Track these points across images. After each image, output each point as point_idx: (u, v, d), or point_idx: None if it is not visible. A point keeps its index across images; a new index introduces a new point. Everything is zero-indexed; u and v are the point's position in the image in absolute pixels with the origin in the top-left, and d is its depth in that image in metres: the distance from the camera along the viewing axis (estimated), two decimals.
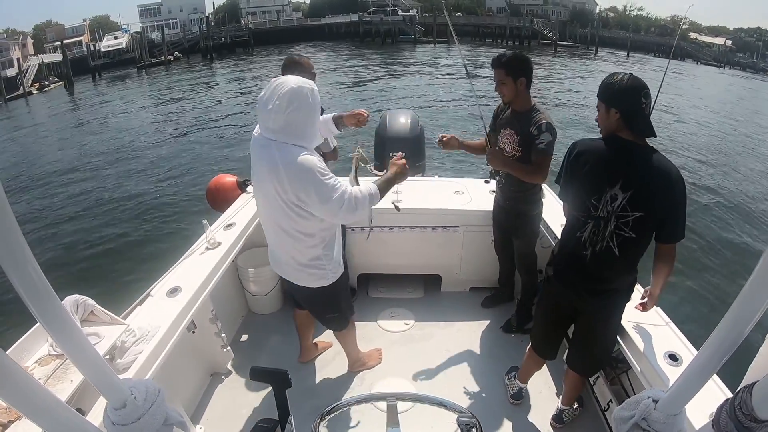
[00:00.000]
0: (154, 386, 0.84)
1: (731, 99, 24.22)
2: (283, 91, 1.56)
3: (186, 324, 2.03)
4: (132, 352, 1.73)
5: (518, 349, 2.66)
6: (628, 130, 1.58)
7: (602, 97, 1.62)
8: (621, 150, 1.57)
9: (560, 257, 1.84)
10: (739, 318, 0.66)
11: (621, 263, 1.64)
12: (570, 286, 1.80)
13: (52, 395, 0.64)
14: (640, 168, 1.53)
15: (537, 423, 2.20)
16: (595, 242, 1.64)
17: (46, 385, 1.47)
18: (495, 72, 2.26)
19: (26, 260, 0.57)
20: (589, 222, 1.63)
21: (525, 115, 2.29)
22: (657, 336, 1.80)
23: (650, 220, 1.55)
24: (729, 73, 41.81)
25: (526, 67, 2.25)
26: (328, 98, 16.65)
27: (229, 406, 2.29)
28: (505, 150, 2.39)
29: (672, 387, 0.84)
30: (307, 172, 1.61)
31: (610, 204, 1.57)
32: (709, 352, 0.72)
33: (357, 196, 1.72)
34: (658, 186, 1.52)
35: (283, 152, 1.62)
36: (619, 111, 1.56)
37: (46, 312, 0.62)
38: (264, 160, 1.66)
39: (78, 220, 7.30)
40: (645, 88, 1.56)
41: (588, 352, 1.93)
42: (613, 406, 2.06)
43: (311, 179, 1.61)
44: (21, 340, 1.63)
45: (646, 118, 1.58)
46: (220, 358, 2.48)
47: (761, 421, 0.64)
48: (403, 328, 2.84)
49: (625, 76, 1.58)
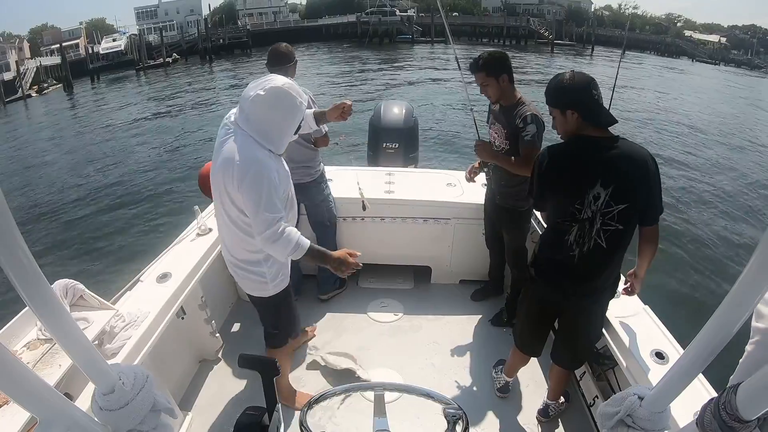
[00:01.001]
0: (143, 372, 0.85)
1: (730, 95, 24.30)
2: (270, 86, 1.53)
3: (175, 310, 2.05)
4: (121, 338, 1.75)
5: (507, 343, 2.66)
6: (590, 127, 1.57)
7: (555, 102, 1.60)
8: (590, 149, 1.57)
9: (543, 259, 1.82)
10: (726, 319, 0.67)
11: (609, 256, 1.64)
12: (556, 287, 1.80)
13: (41, 380, 0.64)
14: (615, 161, 1.53)
15: (523, 417, 2.21)
16: (582, 243, 1.63)
17: (34, 369, 1.48)
18: (476, 77, 2.28)
19: (16, 243, 0.57)
20: (574, 225, 1.62)
21: (511, 108, 2.31)
22: (644, 334, 1.83)
23: (634, 209, 1.56)
24: (723, 70, 41.91)
25: (504, 63, 2.26)
26: (325, 98, 16.66)
27: (218, 393, 2.30)
28: (494, 145, 2.43)
29: (657, 385, 0.85)
30: (261, 178, 1.53)
31: (594, 203, 1.56)
32: (696, 351, 0.73)
33: (289, 233, 1.59)
34: (636, 174, 1.53)
35: (244, 144, 1.56)
36: (576, 110, 1.55)
37: (36, 296, 0.62)
38: (225, 144, 1.60)
39: (70, 206, 7.33)
40: (591, 80, 1.57)
41: (572, 346, 1.95)
42: (599, 401, 2.08)
43: (260, 186, 1.53)
44: (9, 324, 1.64)
45: (602, 107, 1.57)
46: (209, 344, 2.49)
47: (745, 421, 0.65)
48: (392, 319, 2.85)
49: (567, 74, 1.59)
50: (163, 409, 0.89)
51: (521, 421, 2.19)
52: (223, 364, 2.49)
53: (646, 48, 48.76)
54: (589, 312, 1.82)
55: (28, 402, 0.62)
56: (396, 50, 38.99)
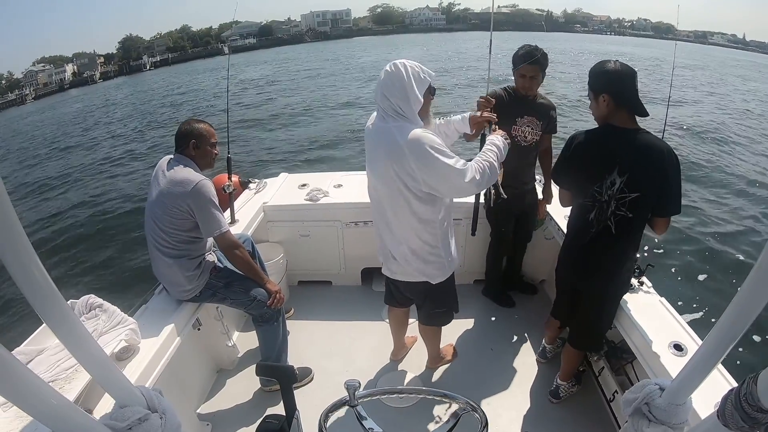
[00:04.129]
0: (157, 388, 0.86)
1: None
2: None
3: (192, 321, 2.06)
4: (139, 350, 1.75)
5: (522, 341, 2.66)
6: (620, 115, 1.64)
7: (591, 84, 1.70)
8: (614, 137, 1.65)
9: (568, 242, 1.95)
10: (743, 308, 0.67)
11: (615, 240, 1.73)
12: (572, 267, 1.92)
13: (59, 394, 0.64)
14: (633, 152, 1.60)
15: (539, 415, 2.19)
16: (599, 222, 1.74)
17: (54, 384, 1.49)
18: (530, 68, 2.29)
19: (30, 261, 0.57)
20: (595, 206, 1.73)
21: (540, 101, 2.45)
22: (662, 326, 1.80)
23: (646, 199, 1.62)
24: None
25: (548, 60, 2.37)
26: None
27: (236, 402, 2.31)
28: (524, 138, 2.45)
29: (677, 376, 0.84)
30: (434, 143, 1.62)
31: (610, 188, 1.67)
32: (714, 342, 0.73)
33: (476, 166, 1.72)
34: (651, 166, 1.58)
35: (396, 126, 1.63)
36: (608, 95, 1.62)
37: (52, 313, 0.63)
38: (376, 141, 1.71)
39: (85, 220, 7.35)
40: (631, 72, 1.63)
41: (582, 329, 2.05)
42: (618, 396, 2.05)
43: (440, 149, 1.62)
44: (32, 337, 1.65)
45: (635, 97, 1.63)
46: (225, 354, 2.50)
47: (767, 411, 0.64)
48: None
49: (611, 62, 1.66)
50: (177, 424, 0.88)
51: (538, 418, 2.18)
52: (240, 373, 2.50)
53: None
54: (599, 298, 1.89)
55: (47, 418, 0.62)
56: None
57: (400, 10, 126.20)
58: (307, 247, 3.08)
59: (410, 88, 1.62)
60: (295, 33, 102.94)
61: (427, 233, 1.80)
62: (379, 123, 1.70)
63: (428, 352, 2.41)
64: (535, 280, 3.16)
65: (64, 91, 57.06)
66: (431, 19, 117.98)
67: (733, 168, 8.16)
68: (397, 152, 1.60)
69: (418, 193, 1.68)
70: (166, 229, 1.90)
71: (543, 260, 3.00)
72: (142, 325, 1.83)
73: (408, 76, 1.61)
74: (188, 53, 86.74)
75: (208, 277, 2.04)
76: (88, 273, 5.52)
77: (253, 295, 2.09)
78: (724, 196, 6.76)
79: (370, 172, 1.81)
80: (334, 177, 3.32)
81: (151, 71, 64.55)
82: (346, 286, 3.22)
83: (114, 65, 76.35)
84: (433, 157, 1.58)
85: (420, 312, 2.16)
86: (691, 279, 4.57)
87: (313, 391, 2.35)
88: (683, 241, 5.24)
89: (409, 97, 1.62)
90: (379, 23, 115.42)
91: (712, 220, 5.88)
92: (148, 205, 1.95)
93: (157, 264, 1.98)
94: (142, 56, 78.87)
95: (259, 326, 2.22)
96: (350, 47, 56.47)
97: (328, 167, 8.29)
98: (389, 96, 1.63)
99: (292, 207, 2.99)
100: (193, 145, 1.96)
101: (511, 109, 2.37)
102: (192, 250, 1.98)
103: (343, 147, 10.11)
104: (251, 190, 3.19)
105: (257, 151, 10.29)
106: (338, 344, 2.66)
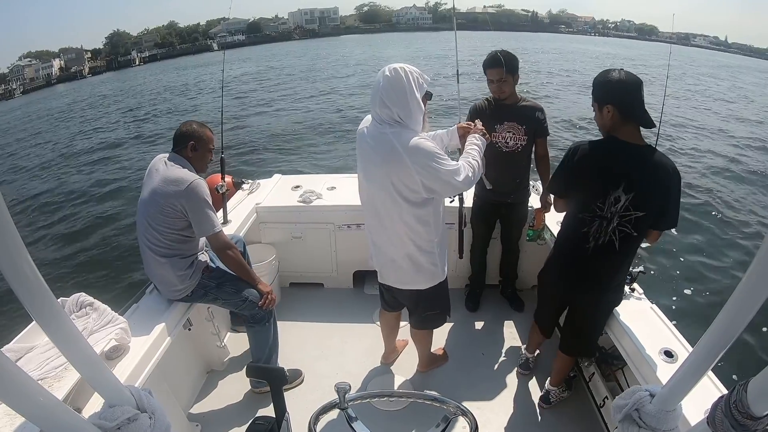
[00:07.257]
0: (147, 388, 0.85)
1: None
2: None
3: (183, 321, 2.04)
4: (129, 349, 1.74)
5: (515, 345, 2.67)
6: (626, 128, 1.57)
7: (595, 95, 1.64)
8: (621, 152, 1.58)
9: (560, 251, 1.90)
10: (734, 316, 0.67)
11: (619, 257, 1.70)
12: (565, 278, 1.88)
13: (48, 393, 0.63)
14: (642, 171, 1.55)
15: (529, 419, 2.20)
16: (598, 237, 1.69)
17: (43, 383, 1.47)
18: (493, 71, 2.28)
19: (21, 257, 0.57)
20: (595, 220, 1.68)
21: (521, 104, 2.40)
22: (652, 333, 1.81)
23: (650, 218, 1.59)
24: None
25: (518, 62, 2.32)
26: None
27: (226, 404, 2.29)
28: (505, 144, 2.43)
29: (668, 383, 0.84)
30: (426, 145, 1.62)
31: (614, 205, 1.61)
32: (705, 349, 0.73)
33: (466, 165, 1.74)
34: (659, 186, 1.55)
35: (392, 132, 1.63)
36: (612, 106, 1.56)
37: (42, 311, 0.62)
38: (371, 146, 1.69)
39: (76, 219, 7.27)
40: (636, 82, 1.56)
41: (572, 338, 2.05)
42: (609, 402, 2.06)
43: (431, 150, 1.63)
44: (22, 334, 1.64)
45: (641, 108, 1.57)
46: (216, 355, 2.48)
47: (757, 418, 0.64)
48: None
49: (615, 71, 1.58)
50: (166, 424, 0.88)
51: (528, 424, 2.18)
52: (230, 374, 2.48)
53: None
54: (594, 309, 1.88)
55: (36, 417, 0.61)
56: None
57: (387, 9, 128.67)
58: (300, 248, 3.08)
59: (411, 96, 1.59)
60: (284, 30, 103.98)
61: (422, 238, 1.80)
62: (375, 128, 1.67)
63: (419, 356, 2.41)
64: (527, 285, 3.18)
65: (52, 86, 57.24)
66: (418, 18, 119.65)
67: (724, 172, 8.25)
68: (396, 159, 1.59)
69: (414, 198, 1.68)
70: (158, 228, 1.89)
71: (538, 266, 3.01)
72: (133, 325, 1.81)
73: (408, 82, 1.59)
74: (176, 49, 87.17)
75: (200, 276, 2.03)
76: (79, 271, 5.45)
77: (245, 296, 2.08)
78: (715, 203, 6.84)
79: (364, 177, 1.78)
80: (327, 179, 3.32)
81: (140, 67, 64.75)
82: (338, 289, 3.22)
83: (102, 60, 76.78)
84: (433, 163, 1.60)
85: (412, 316, 2.15)
86: (682, 286, 4.61)
87: (303, 393, 2.34)
88: (675, 247, 5.30)
89: (411, 106, 1.60)
90: (366, 22, 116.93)
91: (704, 227, 5.95)
92: (140, 204, 1.93)
93: (149, 263, 1.96)
94: (131, 52, 79.52)
95: (250, 327, 2.21)
96: (340, 45, 56.89)
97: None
98: (391, 105, 1.60)
99: (285, 208, 2.98)
100: (192, 147, 1.96)
101: (489, 118, 2.38)
102: (184, 250, 1.97)
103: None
104: (244, 190, 3.18)
105: (249, 152, 10.27)
106: (329, 347, 2.66)
